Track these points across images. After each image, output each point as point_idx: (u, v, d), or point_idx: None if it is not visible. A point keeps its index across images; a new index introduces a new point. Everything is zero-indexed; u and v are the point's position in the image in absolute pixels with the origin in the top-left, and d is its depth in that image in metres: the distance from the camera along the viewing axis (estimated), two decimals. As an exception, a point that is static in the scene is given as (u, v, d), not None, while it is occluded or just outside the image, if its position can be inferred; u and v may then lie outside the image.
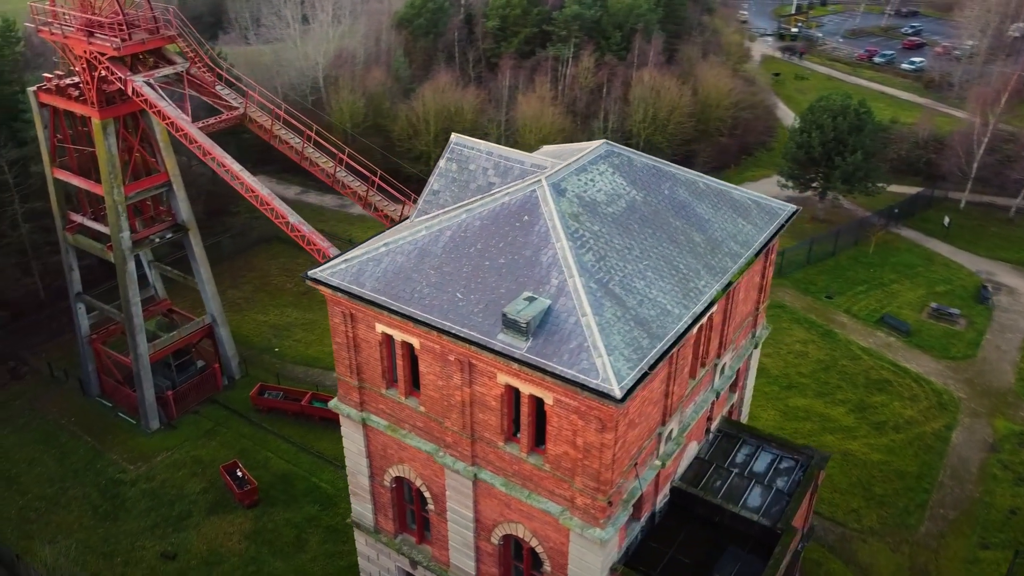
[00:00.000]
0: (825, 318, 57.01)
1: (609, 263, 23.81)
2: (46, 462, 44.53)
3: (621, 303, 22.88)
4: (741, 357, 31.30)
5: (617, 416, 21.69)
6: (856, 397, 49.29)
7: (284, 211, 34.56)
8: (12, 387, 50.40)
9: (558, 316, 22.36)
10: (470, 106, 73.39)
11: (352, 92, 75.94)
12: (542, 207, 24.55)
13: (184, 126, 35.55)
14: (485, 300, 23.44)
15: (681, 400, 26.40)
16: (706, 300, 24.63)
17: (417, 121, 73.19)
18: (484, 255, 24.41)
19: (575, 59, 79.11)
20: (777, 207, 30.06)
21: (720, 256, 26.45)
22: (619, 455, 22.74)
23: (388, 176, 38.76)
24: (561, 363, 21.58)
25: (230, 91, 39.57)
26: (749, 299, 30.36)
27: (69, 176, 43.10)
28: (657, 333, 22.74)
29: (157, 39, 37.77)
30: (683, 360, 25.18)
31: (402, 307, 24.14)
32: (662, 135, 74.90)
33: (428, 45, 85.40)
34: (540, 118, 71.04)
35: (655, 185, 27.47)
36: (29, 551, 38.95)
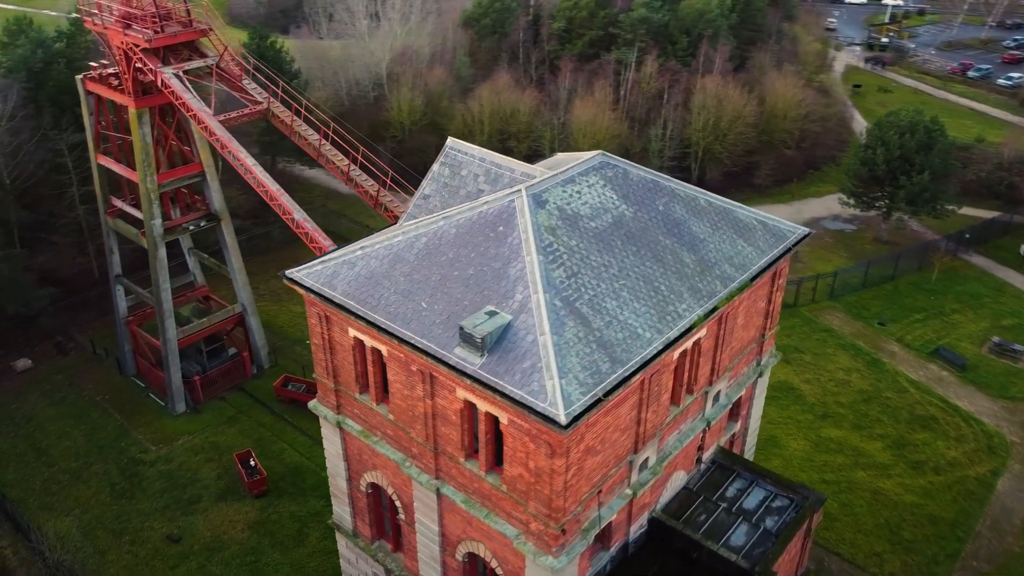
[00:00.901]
0: (874, 346, 53.96)
1: (581, 280, 22.80)
2: (75, 436, 46.18)
3: (586, 323, 21.85)
4: (742, 385, 29.67)
5: (568, 442, 20.70)
6: (896, 433, 46.42)
7: (290, 207, 34.75)
8: (57, 361, 52.55)
9: (516, 333, 21.52)
10: (526, 108, 72.76)
11: (412, 90, 76.33)
12: (518, 218, 23.72)
13: (205, 119, 36.16)
14: (448, 311, 22.79)
15: (659, 428, 25.13)
16: (684, 325, 23.31)
17: (472, 121, 73.04)
18: (454, 264, 23.76)
19: (638, 64, 77.41)
20: (786, 229, 28.35)
21: (709, 279, 25.03)
22: (573, 483, 21.71)
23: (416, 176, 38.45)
24: (512, 382, 20.74)
25: (256, 86, 40.03)
26: (751, 325, 28.73)
27: (110, 163, 44.57)
28: (620, 357, 21.62)
29: (189, 32, 38.59)
30: (658, 386, 23.92)
31: (367, 313, 23.73)
32: (722, 145, 72.49)
33: (493, 45, 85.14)
34: (595, 123, 69.78)
35: (649, 200, 26.24)
36: (46, 522, 40.40)
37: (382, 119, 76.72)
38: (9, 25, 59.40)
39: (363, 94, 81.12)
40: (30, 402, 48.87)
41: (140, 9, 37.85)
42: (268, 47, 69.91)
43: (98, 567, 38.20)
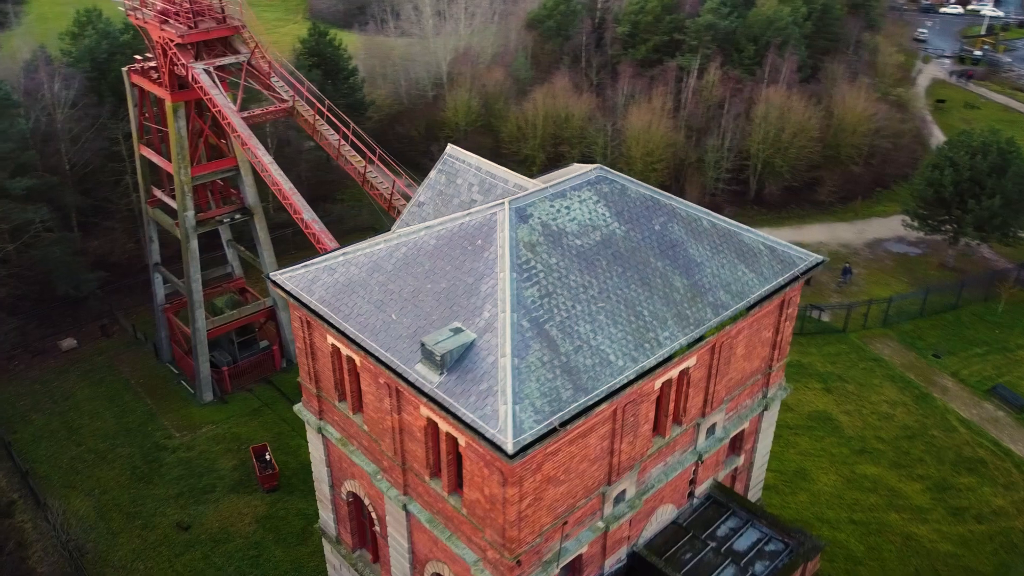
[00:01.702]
0: (926, 379, 50.80)
1: (555, 301, 21.77)
2: (106, 418, 47.49)
3: (553, 347, 20.82)
4: (744, 418, 28.03)
5: (520, 471, 19.75)
6: (939, 475, 43.51)
7: (301, 207, 34.75)
8: (100, 343, 54.24)
9: (479, 353, 20.67)
10: (580, 113, 71.55)
11: (469, 90, 76.09)
12: (497, 232, 22.85)
13: (228, 115, 36.50)
14: (416, 325, 22.11)
15: (639, 460, 23.86)
16: (662, 354, 22.00)
17: (525, 124, 72.26)
18: (429, 277, 23.06)
19: (700, 71, 75.18)
20: (796, 256, 26.61)
21: (700, 306, 23.61)
22: (529, 513, 20.73)
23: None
24: (466, 404, 19.91)
25: (284, 84, 40.23)
26: (755, 355, 27.09)
27: (151, 153, 45.64)
28: (586, 385, 20.51)
29: (221, 29, 39.04)
30: (635, 416, 22.67)
31: (338, 321, 23.27)
32: (783, 158, 69.68)
33: (555, 48, 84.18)
34: (649, 130, 68.06)
35: (645, 219, 24.95)
36: (67, 500, 41.60)
37: (438, 119, 76.75)
38: (80, 16, 61.68)
39: (422, 93, 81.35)
40: (70, 381, 50.54)
41: (176, 5, 38.50)
42: (326, 44, 70.76)
43: (108, 549, 39.06)
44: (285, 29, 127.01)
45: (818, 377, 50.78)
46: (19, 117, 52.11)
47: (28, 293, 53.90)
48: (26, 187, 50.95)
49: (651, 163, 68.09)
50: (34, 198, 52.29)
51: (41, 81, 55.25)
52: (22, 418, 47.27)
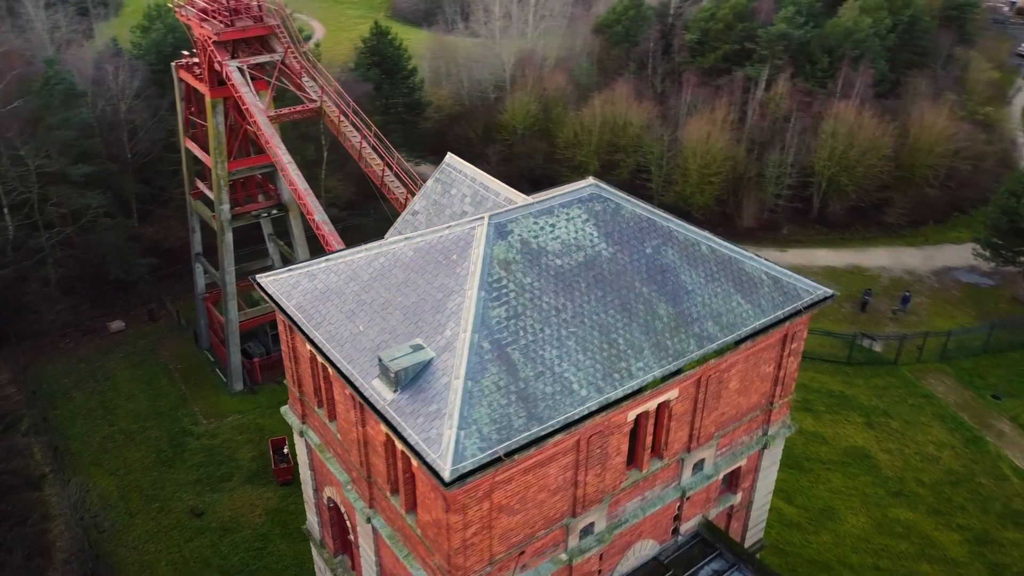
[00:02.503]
0: (980, 421, 47.52)
1: (523, 323, 20.95)
2: (141, 400, 48.95)
3: (512, 371, 20.02)
4: (739, 455, 26.54)
5: (464, 499, 19.05)
6: (981, 526, 40.59)
7: (313, 208, 34.85)
8: (146, 327, 56.04)
9: (434, 373, 20.05)
10: (639, 121, 69.97)
11: (528, 93, 75.48)
12: (473, 248, 22.16)
13: (255, 113, 36.96)
14: (380, 339, 21.63)
15: (610, 493, 22.80)
16: (631, 386, 20.89)
17: (581, 131, 71.13)
18: (401, 289, 22.56)
19: (768, 82, 72.48)
20: (802, 287, 24.97)
21: (683, 337, 22.36)
22: (476, 541, 20.00)
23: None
24: (414, 425, 19.32)
25: (315, 84, 40.47)
26: (752, 391, 25.58)
27: (194, 147, 46.79)
28: (541, 414, 19.63)
29: (256, 28, 39.57)
30: (602, 448, 21.64)
31: (309, 328, 23.02)
32: (849, 176, 66.48)
33: (621, 53, 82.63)
34: (708, 142, 66.00)
35: (636, 241, 23.82)
36: (92, 478, 43.02)
37: (496, 121, 76.38)
38: (150, 10, 63.88)
39: (484, 95, 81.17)
40: (113, 362, 52.36)
41: (215, 3, 39.23)
42: (387, 43, 71.31)
43: (124, 529, 40.16)
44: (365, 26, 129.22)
45: (861, 410, 48.13)
46: (83, 107, 54.22)
47: (84, 275, 56.14)
48: (84, 174, 53.02)
49: (707, 176, 66.05)
50: (93, 184, 54.39)
51: (108, 72, 57.38)
52: (64, 394, 49.19)
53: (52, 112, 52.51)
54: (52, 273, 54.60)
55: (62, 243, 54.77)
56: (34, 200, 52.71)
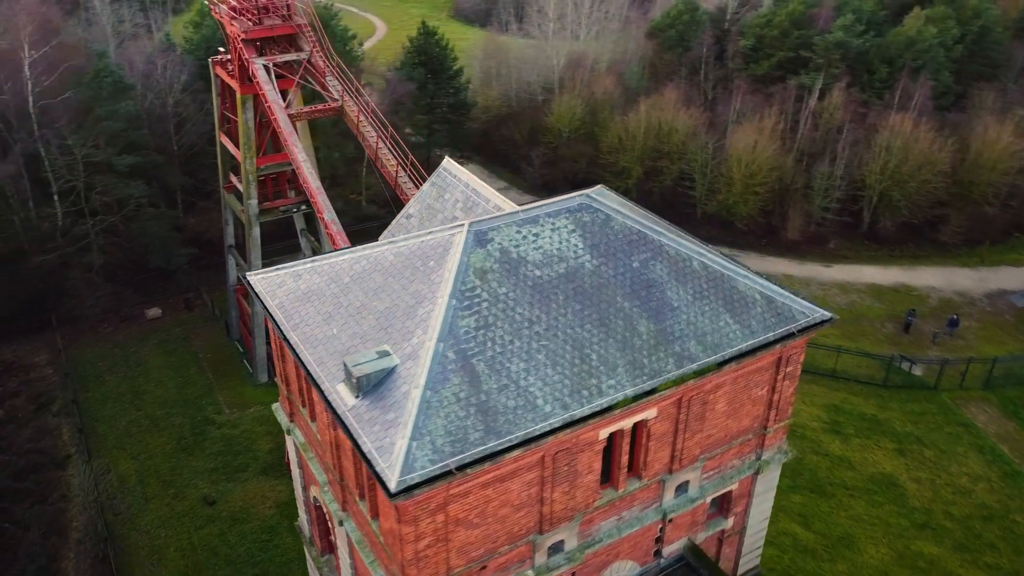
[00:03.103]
0: (1022, 455, 45.03)
1: (493, 334, 20.53)
2: (169, 387, 50.14)
3: (475, 383, 19.63)
4: (729, 479, 25.58)
5: (415, 511, 18.76)
6: (1011, 566, 38.44)
7: (323, 207, 35.03)
8: (181, 315, 57.44)
9: (395, 380, 19.80)
10: (684, 127, 68.59)
11: (575, 96, 74.85)
12: (450, 255, 21.84)
13: (275, 111, 37.39)
14: (351, 343, 21.49)
15: (581, 511, 22.20)
16: (600, 404, 20.24)
17: (626, 135, 70.13)
18: (377, 294, 22.38)
19: (822, 92, 70.21)
20: (799, 310, 23.85)
21: (661, 355, 21.60)
22: (430, 553, 19.69)
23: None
24: (370, 433, 19.10)
25: (337, 83, 40.72)
26: (743, 414, 24.61)
27: (227, 142, 47.70)
28: (500, 428, 19.19)
29: (283, 27, 40.05)
30: (570, 466, 21.06)
31: (286, 328, 23.03)
32: (901, 191, 63.90)
33: (673, 59, 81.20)
34: (754, 151, 64.32)
35: (624, 254, 23.13)
36: (114, 461, 44.22)
37: (542, 124, 75.96)
38: (203, 7, 65.41)
39: (532, 96, 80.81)
40: (147, 348, 53.79)
41: (245, 1, 39.85)
42: (433, 43, 71.58)
43: (138, 512, 41.14)
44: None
45: (893, 436, 46.13)
46: (130, 100, 55.82)
47: (126, 262, 57.83)
48: (129, 164, 54.61)
49: (752, 185, 64.37)
50: (137, 175, 55.97)
51: (156, 66, 58.98)
52: (97, 378, 50.73)
53: (100, 103, 54.23)
54: (96, 260, 56.33)
55: (106, 231, 56.48)
56: (80, 188, 54.52)
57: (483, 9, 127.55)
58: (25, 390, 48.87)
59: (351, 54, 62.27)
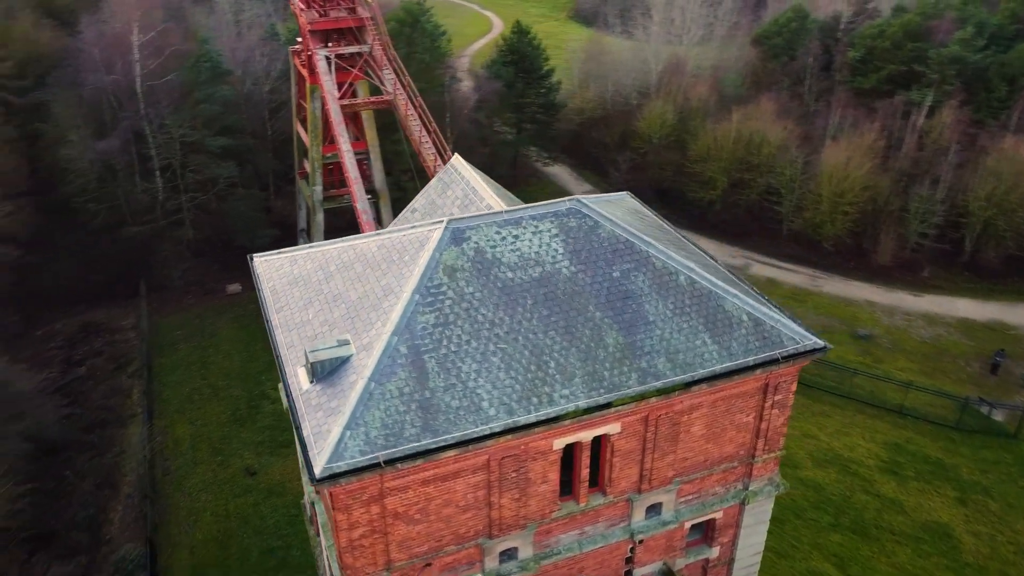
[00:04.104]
0: (1105, 519, 40.77)
1: (450, 332, 20.57)
2: (235, 360, 52.72)
3: (422, 380, 19.73)
4: (710, 506, 24.52)
5: (346, 499, 19.10)
6: (1068, 639, 34.94)
7: (358, 196, 35.88)
8: (259, 293, 60.14)
9: (348, 369, 20.18)
10: (776, 139, 65.88)
11: (666, 102, 73.33)
12: (424, 251, 22.01)
13: (329, 101, 38.63)
14: (320, 330, 22.04)
15: (536, 520, 21.90)
16: (547, 413, 19.90)
17: (714, 145, 68.08)
18: (354, 283, 22.83)
19: (932, 109, 65.75)
20: (788, 335, 22.55)
21: (624, 370, 20.97)
22: (365, 544, 19.98)
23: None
24: (313, 418, 19.58)
25: (394, 77, 41.55)
26: (725, 440, 23.53)
27: (301, 130, 49.65)
28: (438, 427, 19.21)
29: (348, 19, 41.28)
30: (520, 473, 20.81)
31: (271, 311, 23.83)
32: (1008, 221, 59.02)
33: (777, 67, 78.14)
34: (847, 167, 61.05)
35: (605, 263, 22.57)
36: (173, 425, 46.99)
37: (633, 128, 74.85)
38: (305, 0, 68.27)
39: (626, 100, 79.71)
40: (222, 321, 56.73)
41: (317, -4, 41.53)
42: (526, 43, 71.83)
43: (186, 475, 43.54)
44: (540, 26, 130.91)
45: (956, 483, 42.78)
46: (227, 85, 59.00)
47: (214, 238, 61.22)
48: (221, 146, 57.78)
49: (841, 204, 61.13)
50: (229, 156, 59.12)
51: (255, 55, 62.07)
52: (172, 345, 53.99)
53: (199, 87, 57.60)
54: (187, 234, 59.94)
55: (198, 207, 60.00)
56: (176, 166, 58.14)
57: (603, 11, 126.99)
58: (108, 351, 52.66)
59: (438, 50, 63.41)
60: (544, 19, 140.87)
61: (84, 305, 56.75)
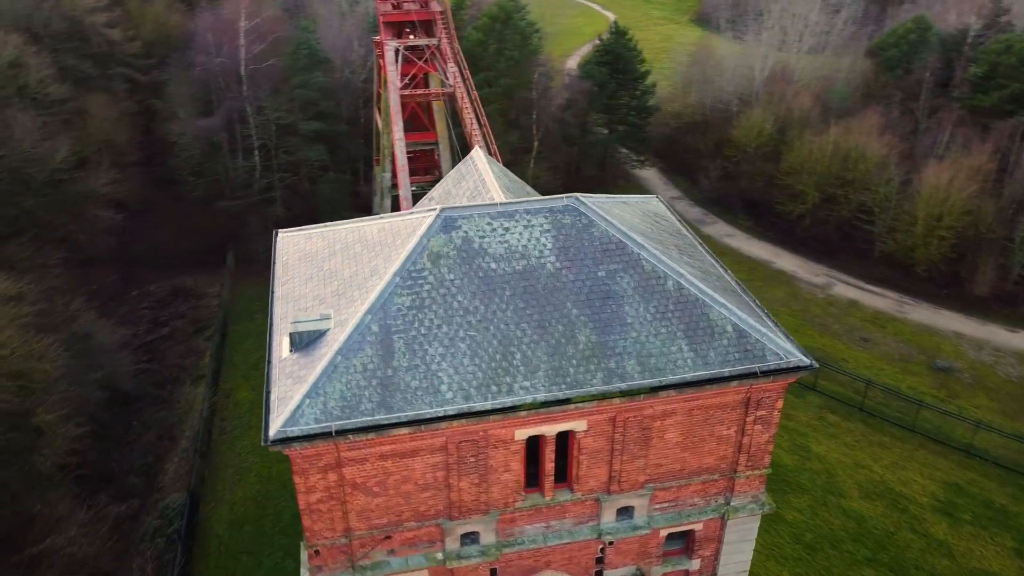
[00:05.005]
0: None
1: (423, 315, 21.21)
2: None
3: (387, 358, 20.47)
4: (687, 517, 24.07)
5: (303, 464, 20.12)
6: None
7: (402, 184, 36.93)
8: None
9: (322, 342, 21.19)
10: (875, 156, 62.74)
11: (765, 110, 71.16)
12: (413, 236, 22.73)
13: (391, 90, 39.93)
14: (311, 304, 23.17)
15: (498, 508, 22.25)
16: (503, 403, 20.22)
17: (809, 157, 65.51)
18: (349, 263, 23.84)
19: (1053, 133, 60.89)
20: (772, 350, 21.84)
21: (590, 368, 20.97)
22: (323, 509, 20.95)
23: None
24: (282, 384, 20.73)
25: (456, 71, 42.39)
26: (703, 451, 23.05)
27: (378, 118, 51.45)
28: (394, 404, 19.91)
29: (419, 13, 42.49)
30: (480, 459, 21.21)
31: (278, 283, 25.18)
32: None
33: (890, 80, 74.19)
34: (947, 189, 57.48)
35: (592, 262, 22.56)
36: (236, 389, 49.86)
37: (729, 136, 73.08)
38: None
39: (725, 106, 77.82)
40: (299, 296, 59.48)
41: (389, -11, 43.03)
42: (623, 45, 71.33)
43: (238, 437, 46.14)
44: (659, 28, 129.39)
45: (1017, 533, 39.76)
46: (322, 72, 61.75)
47: (301, 218, 64.16)
48: (313, 130, 60.63)
49: (936, 228, 57.63)
50: (320, 141, 61.95)
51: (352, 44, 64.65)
52: (249, 316, 57.09)
53: (297, 73, 60.60)
54: (277, 211, 63.20)
55: (288, 187, 63.18)
56: (271, 147, 61.45)
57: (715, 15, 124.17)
58: (190, 314, 56.40)
59: (529, 48, 63.98)
60: (664, 21, 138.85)
61: (176, 271, 60.89)
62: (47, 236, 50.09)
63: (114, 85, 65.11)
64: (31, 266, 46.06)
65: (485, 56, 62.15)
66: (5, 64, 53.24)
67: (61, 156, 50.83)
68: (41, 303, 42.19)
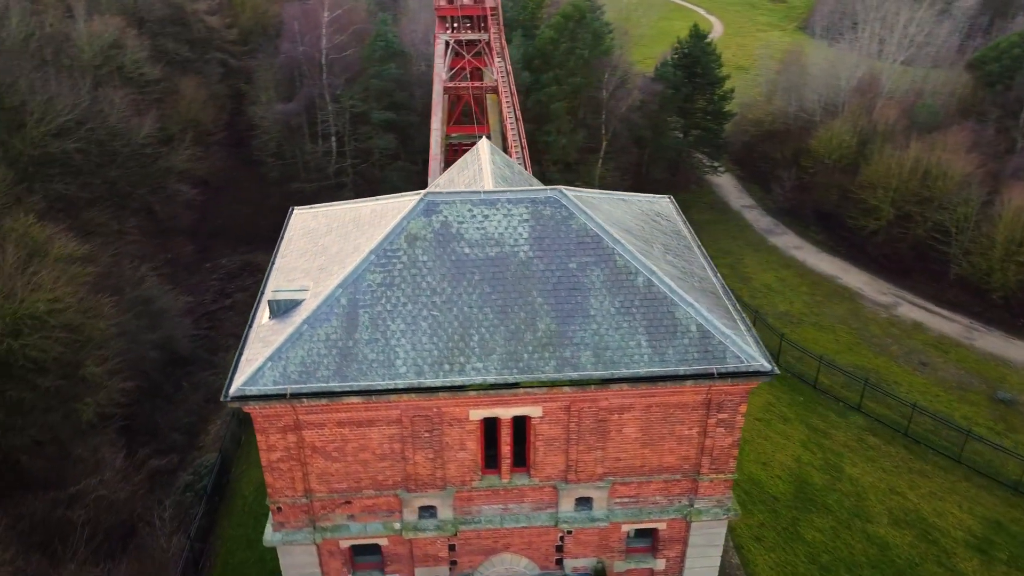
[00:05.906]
0: None
1: (391, 293, 22.13)
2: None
3: (350, 331, 21.51)
4: (649, 514, 24.07)
5: (263, 422, 21.44)
6: None
7: (432, 173, 37.85)
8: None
9: (295, 311, 22.42)
10: (957, 174, 59.62)
11: (847, 121, 68.73)
12: (396, 217, 23.69)
13: (436, 81, 41.04)
14: (297, 276, 24.44)
15: (454, 485, 22.96)
16: (452, 381, 20.88)
17: (886, 172, 62.85)
18: (338, 240, 25.01)
19: None
20: (736, 352, 21.60)
21: (544, 356, 21.35)
22: (283, 468, 22.20)
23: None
24: (253, 348, 22.04)
25: (503, 64, 43.04)
26: (664, 448, 23.03)
27: (436, 109, 52.79)
28: (349, 374, 20.93)
29: (471, 8, 43.41)
30: (434, 435, 21.98)
31: (279, 255, 26.60)
32: None
33: (988, 96, 70.20)
34: (1027, 215, 54.21)
35: (564, 254, 22.89)
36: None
37: (805, 146, 70.96)
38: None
39: (808, 115, 75.47)
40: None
41: (444, -18, 44.15)
42: (701, 49, 70.33)
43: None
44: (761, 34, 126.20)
45: None
46: (397, 64, 63.73)
47: (369, 203, 66.59)
48: (384, 119, 62.74)
49: (1012, 252, 54.36)
50: (391, 130, 64.02)
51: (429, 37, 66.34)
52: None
53: (372, 64, 62.81)
54: (347, 196, 65.66)
55: (359, 174, 65.57)
56: (345, 134, 63.96)
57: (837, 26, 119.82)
58: (254, 288, 59.14)
59: (601, 48, 63.94)
60: (769, 28, 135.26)
61: (249, 246, 64.13)
62: (126, 206, 53.89)
63: (209, 69, 69.19)
64: (107, 232, 49.76)
65: (556, 54, 62.60)
66: (106, 45, 57.55)
67: (145, 131, 54.51)
68: (110, 267, 45.59)
